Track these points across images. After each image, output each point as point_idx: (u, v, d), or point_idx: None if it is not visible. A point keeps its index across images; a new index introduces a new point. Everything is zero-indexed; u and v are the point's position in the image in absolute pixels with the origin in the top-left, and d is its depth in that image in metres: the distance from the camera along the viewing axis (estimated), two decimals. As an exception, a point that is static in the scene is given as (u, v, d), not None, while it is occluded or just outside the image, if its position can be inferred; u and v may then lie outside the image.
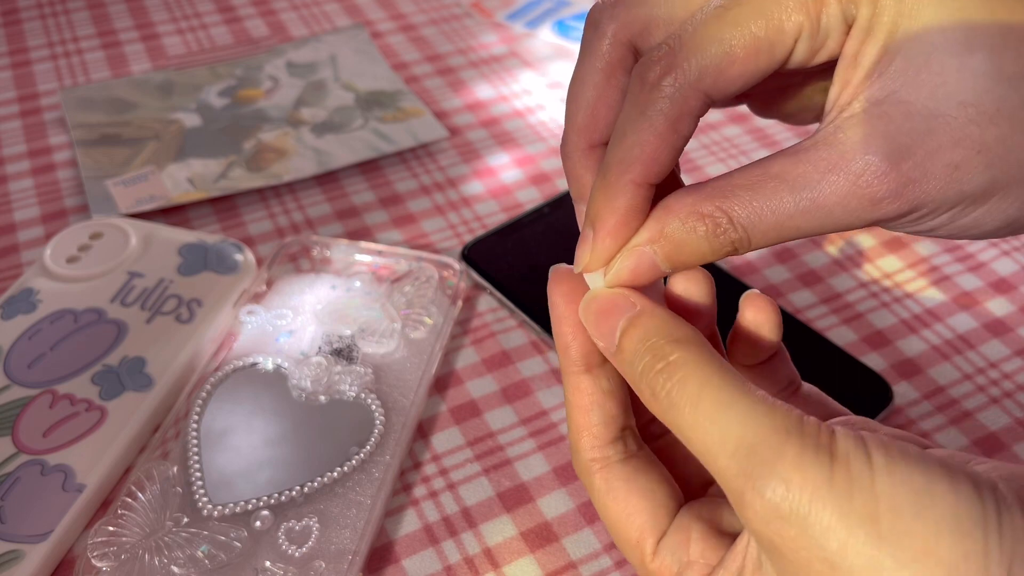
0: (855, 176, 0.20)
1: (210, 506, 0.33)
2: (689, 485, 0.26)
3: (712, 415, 0.20)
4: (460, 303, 0.42)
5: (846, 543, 0.17)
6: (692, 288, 0.25)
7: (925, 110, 0.20)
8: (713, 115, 0.56)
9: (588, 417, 0.25)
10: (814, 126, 0.25)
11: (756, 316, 0.25)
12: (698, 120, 0.23)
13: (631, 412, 0.26)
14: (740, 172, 0.22)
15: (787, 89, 0.27)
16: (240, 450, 0.35)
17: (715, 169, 0.51)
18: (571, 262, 0.25)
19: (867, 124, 0.21)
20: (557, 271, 0.25)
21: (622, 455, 0.25)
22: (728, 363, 0.21)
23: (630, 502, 0.24)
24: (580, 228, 0.25)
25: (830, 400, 0.27)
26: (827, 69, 0.25)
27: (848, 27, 0.21)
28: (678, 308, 0.25)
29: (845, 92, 0.21)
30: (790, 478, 0.18)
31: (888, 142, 0.20)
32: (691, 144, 0.53)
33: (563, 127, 0.26)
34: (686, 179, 0.38)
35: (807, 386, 0.27)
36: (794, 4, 0.21)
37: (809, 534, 0.18)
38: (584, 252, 0.24)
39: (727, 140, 0.54)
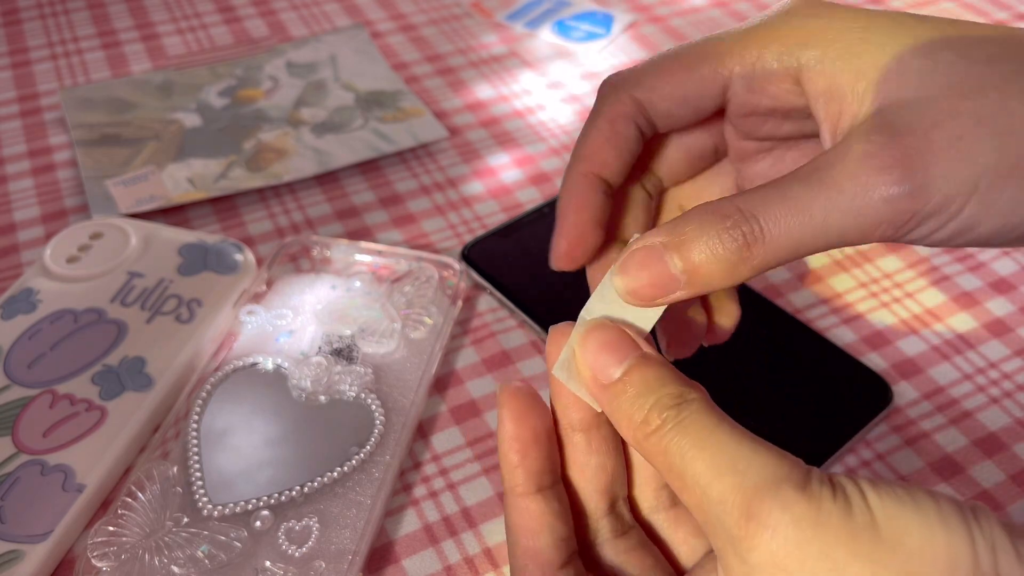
0: (859, 156, 0.21)
1: (210, 506, 0.33)
2: None
3: (724, 441, 0.20)
4: (460, 303, 0.42)
5: (854, 549, 0.18)
6: None
7: (916, 100, 0.21)
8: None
9: (537, 541, 0.23)
10: None
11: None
12: (637, 127, 0.26)
13: (575, 537, 0.25)
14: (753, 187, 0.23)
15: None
16: (240, 450, 0.35)
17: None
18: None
19: (866, 124, 0.22)
20: (507, 389, 0.24)
21: None
22: None
23: None
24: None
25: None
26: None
27: (790, 72, 0.24)
28: None
29: (842, 120, 0.23)
30: (798, 495, 0.19)
31: (886, 126, 0.21)
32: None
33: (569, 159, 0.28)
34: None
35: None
36: (730, 51, 0.25)
37: (819, 541, 0.18)
38: (553, 242, 0.26)
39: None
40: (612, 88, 0.26)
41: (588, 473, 0.24)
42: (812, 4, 0.24)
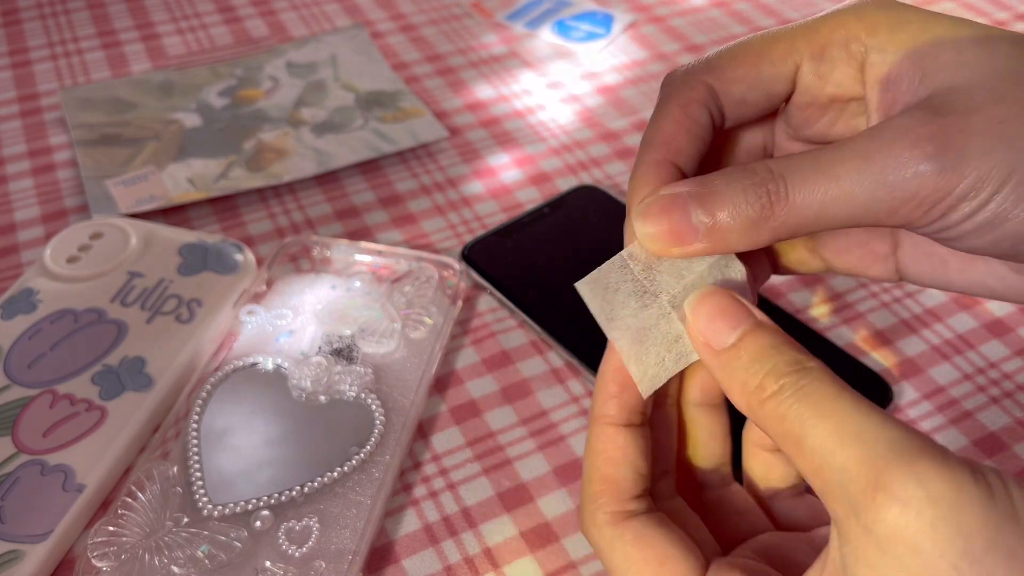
0: (895, 129, 0.21)
1: (210, 506, 0.33)
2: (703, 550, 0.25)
3: (848, 410, 0.19)
4: (460, 303, 0.42)
5: (993, 539, 0.17)
6: None
7: (966, 86, 0.21)
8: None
9: (617, 469, 0.24)
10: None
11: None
12: (709, 114, 0.25)
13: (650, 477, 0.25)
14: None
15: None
16: (240, 450, 0.35)
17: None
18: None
19: (913, 107, 0.22)
20: None
21: (646, 508, 0.24)
22: None
23: (660, 548, 0.23)
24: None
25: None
26: None
27: (856, 58, 0.24)
28: None
29: (894, 108, 0.23)
30: (936, 472, 0.18)
31: (930, 106, 0.21)
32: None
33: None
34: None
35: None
36: (800, 35, 0.25)
37: (956, 524, 0.17)
38: (626, 228, 0.25)
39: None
40: (682, 76, 0.25)
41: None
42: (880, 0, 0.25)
